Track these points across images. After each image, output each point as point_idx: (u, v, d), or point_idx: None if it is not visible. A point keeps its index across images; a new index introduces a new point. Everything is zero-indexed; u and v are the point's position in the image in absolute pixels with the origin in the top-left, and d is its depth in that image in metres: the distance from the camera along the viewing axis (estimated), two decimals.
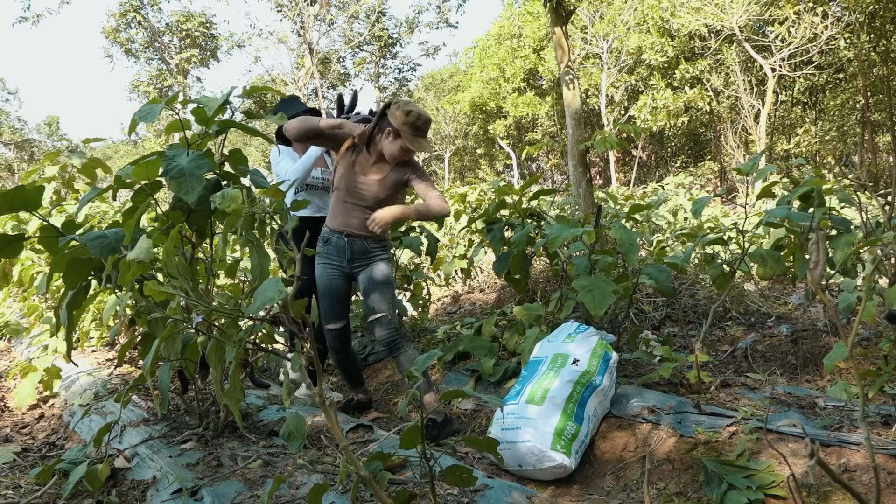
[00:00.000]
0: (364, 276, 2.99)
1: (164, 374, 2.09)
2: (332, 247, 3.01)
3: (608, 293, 2.81)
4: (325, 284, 3.04)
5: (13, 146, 35.73)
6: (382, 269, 3.00)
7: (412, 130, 2.83)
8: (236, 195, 2.00)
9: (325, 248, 3.04)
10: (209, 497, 1.85)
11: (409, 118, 2.81)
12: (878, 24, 16.45)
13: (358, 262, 2.99)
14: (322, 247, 3.06)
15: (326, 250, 3.03)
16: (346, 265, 3.00)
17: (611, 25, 19.55)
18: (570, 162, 5.74)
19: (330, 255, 3.02)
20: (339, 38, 25.16)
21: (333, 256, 3.01)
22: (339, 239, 2.98)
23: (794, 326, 3.92)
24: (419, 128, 2.84)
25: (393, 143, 2.85)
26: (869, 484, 1.92)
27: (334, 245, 3.00)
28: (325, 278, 3.04)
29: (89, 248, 2.02)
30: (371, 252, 2.99)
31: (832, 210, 2.95)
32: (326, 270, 3.03)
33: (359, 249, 2.97)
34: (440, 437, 2.84)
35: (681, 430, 2.44)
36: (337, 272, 3.02)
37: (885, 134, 20.80)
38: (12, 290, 5.79)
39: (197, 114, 2.15)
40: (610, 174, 22.36)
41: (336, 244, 2.99)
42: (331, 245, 3.01)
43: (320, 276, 3.05)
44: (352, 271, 3.02)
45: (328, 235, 3.03)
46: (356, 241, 2.97)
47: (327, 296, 3.05)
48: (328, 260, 3.02)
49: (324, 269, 3.04)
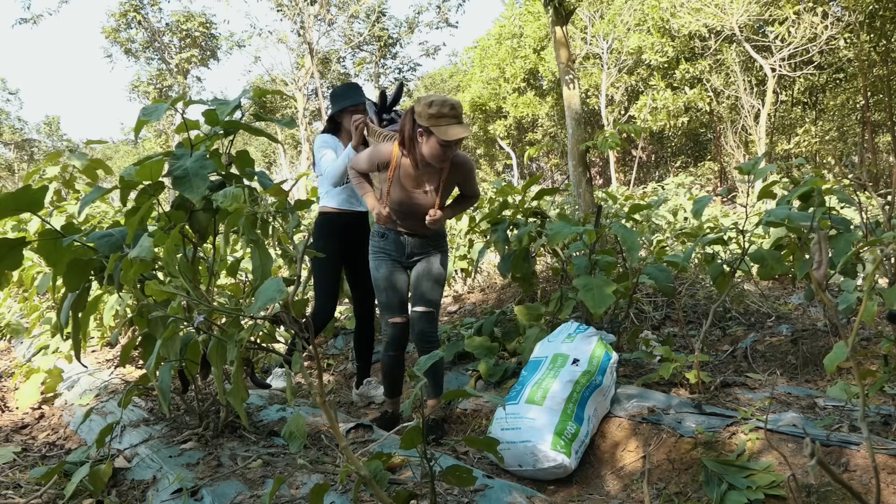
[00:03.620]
0: (421, 267, 2.92)
1: (164, 374, 2.09)
2: (389, 242, 2.91)
3: (608, 293, 2.82)
4: (385, 277, 2.91)
5: (13, 146, 35.74)
6: (441, 262, 2.95)
7: (443, 120, 2.59)
8: (238, 194, 2.01)
9: (382, 243, 2.93)
10: (209, 497, 1.85)
11: (432, 109, 2.58)
12: (878, 24, 16.46)
13: (416, 255, 2.93)
14: (378, 241, 2.94)
15: (383, 245, 2.92)
16: (404, 259, 2.93)
17: (611, 25, 19.56)
18: (570, 162, 5.73)
19: (387, 249, 2.92)
20: (339, 38, 25.18)
21: (392, 251, 2.91)
22: (396, 235, 2.90)
23: (794, 326, 3.92)
24: (447, 115, 2.60)
25: (428, 143, 2.64)
26: (869, 484, 1.92)
27: (392, 241, 2.91)
28: (384, 271, 2.91)
29: (97, 245, 2.05)
30: (430, 244, 2.93)
31: (832, 210, 2.95)
32: (385, 264, 2.92)
33: (417, 244, 2.91)
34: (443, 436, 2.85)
35: (681, 430, 2.44)
36: (398, 266, 2.93)
37: (885, 134, 20.79)
38: (13, 291, 5.79)
39: (207, 115, 2.17)
40: (610, 174, 22.36)
41: (394, 240, 2.91)
42: (388, 240, 2.91)
43: (378, 268, 2.92)
44: (409, 264, 2.95)
45: (384, 231, 2.92)
46: (419, 238, 2.91)
47: (391, 289, 2.92)
48: (386, 254, 2.92)
49: (382, 263, 2.92)
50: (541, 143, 17.28)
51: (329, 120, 3.45)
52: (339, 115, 3.36)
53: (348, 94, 3.34)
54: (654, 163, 26.77)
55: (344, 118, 3.35)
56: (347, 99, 3.31)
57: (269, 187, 2.28)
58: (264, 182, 2.30)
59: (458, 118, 2.62)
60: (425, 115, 2.59)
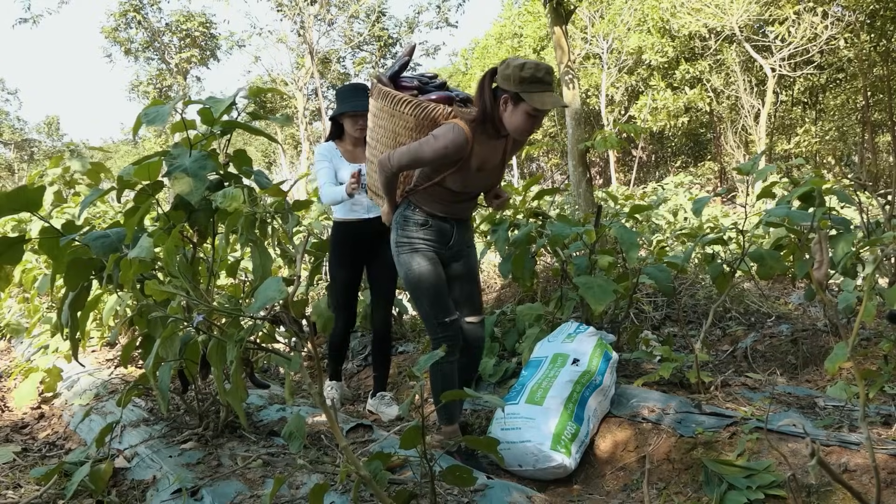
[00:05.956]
0: (462, 265, 2.60)
1: (164, 374, 2.09)
2: (432, 230, 2.50)
3: (608, 290, 2.84)
4: (429, 272, 2.49)
5: (13, 146, 35.75)
6: (477, 259, 2.68)
7: (536, 86, 2.22)
8: (237, 194, 2.01)
9: (422, 233, 2.51)
10: (209, 497, 1.85)
11: (525, 72, 2.21)
12: (878, 24, 16.46)
13: (455, 249, 2.58)
14: (415, 231, 2.51)
15: (424, 235, 2.50)
16: (444, 250, 2.55)
17: (611, 25, 19.55)
18: (570, 162, 5.74)
19: (430, 239, 2.51)
20: (339, 38, 25.15)
21: (434, 241, 2.51)
22: (442, 224, 2.51)
23: (794, 326, 3.91)
24: (541, 80, 2.23)
25: (515, 111, 2.27)
26: (869, 484, 1.92)
27: (436, 229, 2.51)
28: (427, 265, 2.49)
29: (92, 247, 2.03)
30: (469, 234, 2.65)
31: (832, 210, 2.95)
32: (427, 257, 2.50)
33: (462, 233, 2.58)
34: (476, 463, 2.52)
35: (681, 430, 2.44)
36: (437, 259, 2.54)
37: (885, 134, 20.80)
38: (13, 291, 5.79)
39: (203, 114, 2.16)
40: (610, 174, 22.36)
41: (439, 227, 2.51)
42: (431, 228, 2.50)
43: (419, 263, 2.50)
44: (448, 256, 2.58)
45: (425, 219, 2.50)
46: (464, 224, 2.59)
47: (438, 285, 2.51)
48: (428, 245, 2.51)
49: (421, 256, 2.50)
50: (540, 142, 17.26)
51: (332, 122, 3.39)
52: (341, 118, 3.31)
53: (349, 99, 3.25)
54: (655, 163, 26.77)
55: (345, 121, 3.29)
56: (348, 104, 3.23)
57: (267, 187, 2.28)
58: (262, 182, 2.29)
59: (552, 85, 2.28)
60: (516, 79, 2.22)
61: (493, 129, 2.35)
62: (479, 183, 2.48)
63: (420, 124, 2.41)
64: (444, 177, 2.39)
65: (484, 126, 2.34)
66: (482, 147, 2.37)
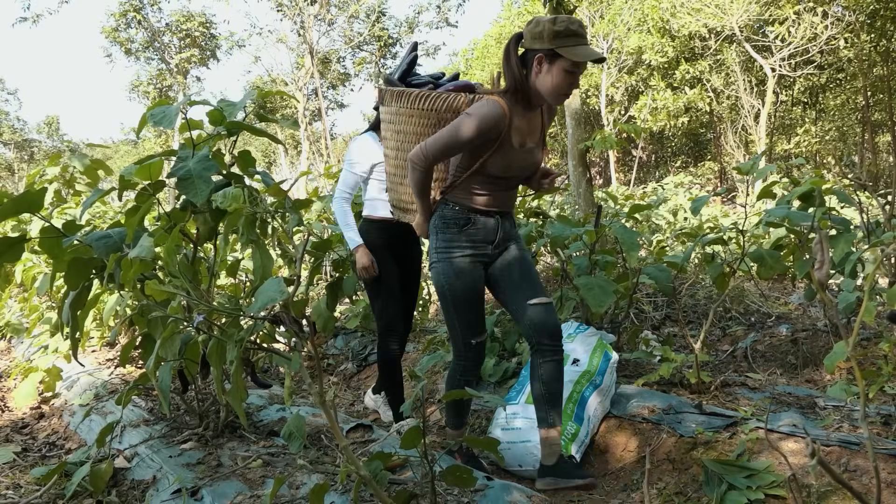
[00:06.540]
0: (511, 255, 2.36)
1: (164, 374, 2.09)
2: (477, 229, 2.27)
3: (609, 291, 2.83)
4: (467, 284, 2.28)
5: (13, 146, 35.76)
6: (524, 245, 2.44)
7: (571, 39, 2.06)
8: (237, 194, 2.01)
9: (464, 235, 2.27)
10: (209, 497, 1.85)
11: (558, 26, 2.04)
12: (878, 24, 16.47)
13: (501, 245, 2.35)
14: (460, 233, 2.27)
15: (469, 235, 2.27)
16: (489, 250, 2.32)
17: (611, 25, 19.56)
18: (570, 162, 5.74)
19: (475, 240, 2.28)
20: (339, 38, 25.17)
21: (479, 242, 2.29)
22: (486, 219, 2.28)
23: (794, 326, 3.92)
24: (576, 32, 2.07)
25: (550, 70, 2.09)
26: (869, 484, 1.92)
27: (481, 226, 2.28)
28: (467, 275, 2.28)
29: (94, 247, 2.04)
30: (515, 233, 2.42)
31: (832, 210, 2.96)
32: (469, 264, 2.28)
33: (508, 230, 2.36)
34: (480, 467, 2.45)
35: (681, 430, 2.44)
36: (480, 265, 2.32)
37: (885, 134, 20.80)
38: (13, 291, 5.79)
39: (212, 115, 2.16)
40: (610, 174, 22.37)
41: (484, 225, 2.28)
42: (475, 227, 2.27)
43: (460, 273, 2.27)
44: (492, 258, 2.35)
45: (467, 216, 2.26)
46: (508, 218, 2.37)
47: (475, 299, 2.32)
48: (472, 248, 2.28)
49: (464, 263, 2.28)
50: None
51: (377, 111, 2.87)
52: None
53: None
54: (655, 163, 26.78)
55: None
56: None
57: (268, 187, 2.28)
58: (267, 182, 2.29)
59: (586, 38, 2.13)
60: (549, 35, 2.05)
61: (526, 100, 2.19)
62: (523, 162, 2.26)
63: (443, 118, 2.24)
64: (484, 161, 2.19)
65: (516, 97, 2.17)
66: (520, 120, 2.20)
